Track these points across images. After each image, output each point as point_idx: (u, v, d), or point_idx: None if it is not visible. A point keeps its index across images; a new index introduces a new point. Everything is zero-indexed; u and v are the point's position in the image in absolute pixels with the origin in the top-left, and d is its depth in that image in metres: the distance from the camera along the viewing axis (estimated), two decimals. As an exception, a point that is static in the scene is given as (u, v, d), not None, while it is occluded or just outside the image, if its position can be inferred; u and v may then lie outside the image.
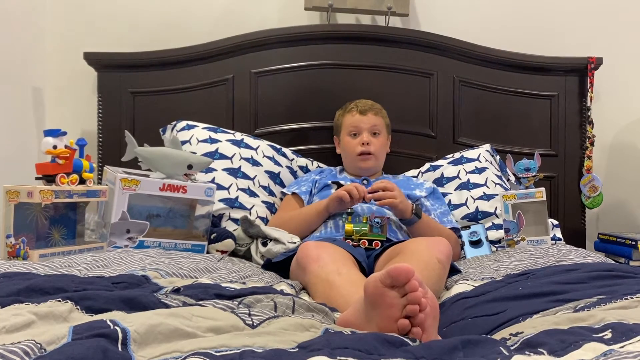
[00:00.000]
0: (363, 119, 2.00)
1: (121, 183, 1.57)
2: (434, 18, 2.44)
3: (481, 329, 0.97)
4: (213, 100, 2.25)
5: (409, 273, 0.85)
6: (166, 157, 1.69)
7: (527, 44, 2.37)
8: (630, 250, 2.09)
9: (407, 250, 1.41)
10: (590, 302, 0.96)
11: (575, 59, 2.32)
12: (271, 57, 2.26)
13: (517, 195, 1.86)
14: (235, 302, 0.95)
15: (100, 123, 2.23)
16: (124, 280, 1.10)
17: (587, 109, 2.32)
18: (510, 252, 1.70)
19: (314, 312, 0.98)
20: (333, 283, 1.25)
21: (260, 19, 2.38)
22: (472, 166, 2.11)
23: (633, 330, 0.75)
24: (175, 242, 1.65)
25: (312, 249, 1.39)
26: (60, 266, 1.22)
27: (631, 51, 2.47)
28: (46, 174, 1.47)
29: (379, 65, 2.28)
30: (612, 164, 2.49)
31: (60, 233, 1.50)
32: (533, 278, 1.23)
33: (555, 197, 2.31)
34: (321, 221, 1.81)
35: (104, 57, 2.23)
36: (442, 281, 1.38)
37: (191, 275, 1.29)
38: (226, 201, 1.91)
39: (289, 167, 2.11)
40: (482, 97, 2.31)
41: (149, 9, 2.38)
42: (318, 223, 1.81)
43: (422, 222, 1.75)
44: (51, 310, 0.81)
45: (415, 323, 0.85)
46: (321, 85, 2.26)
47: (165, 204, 1.68)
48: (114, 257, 1.35)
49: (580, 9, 2.47)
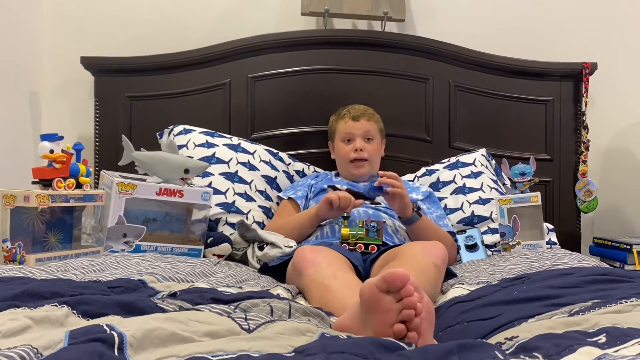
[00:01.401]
0: (356, 125, 2.00)
1: (118, 187, 1.58)
2: (430, 23, 2.45)
3: (477, 333, 0.98)
4: (210, 104, 2.25)
5: (404, 278, 0.85)
6: (163, 161, 1.69)
7: (522, 49, 2.38)
8: (625, 254, 2.11)
9: (403, 255, 1.42)
10: (585, 307, 0.97)
11: (571, 64, 2.33)
12: (268, 61, 2.27)
13: (513, 200, 1.87)
14: (231, 307, 0.95)
15: (97, 127, 2.23)
16: (120, 284, 1.10)
17: (582, 114, 2.33)
18: (506, 256, 1.71)
19: (310, 317, 0.99)
20: (329, 287, 1.26)
21: (257, 24, 2.38)
22: (468, 170, 2.12)
23: (627, 335, 0.75)
24: (171, 246, 1.66)
25: (308, 253, 1.39)
26: (56, 270, 1.22)
27: (626, 56, 2.49)
28: (43, 178, 1.47)
29: (376, 70, 2.29)
30: (607, 169, 2.50)
31: (57, 237, 1.50)
32: (528, 282, 1.24)
33: (550, 201, 2.32)
34: (313, 226, 1.81)
35: (101, 61, 2.23)
36: (438, 285, 1.39)
37: (188, 280, 1.29)
38: (223, 205, 1.91)
39: (286, 172, 2.12)
40: (477, 101, 2.32)
41: (146, 14, 2.39)
42: (310, 228, 1.81)
43: (423, 222, 1.75)
44: (47, 315, 0.81)
45: (411, 328, 0.85)
46: (318, 90, 2.27)
47: (161, 208, 1.68)
48: (110, 262, 1.35)
49: (575, 15, 2.48)
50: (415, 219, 1.74)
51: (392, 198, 1.71)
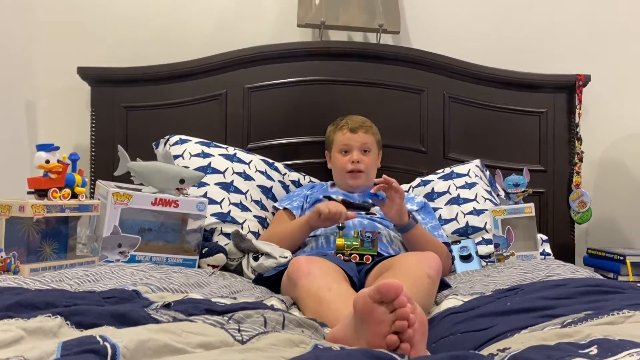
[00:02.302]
0: (354, 136, 2.01)
1: (113, 197, 1.58)
2: (425, 35, 2.47)
3: (470, 345, 0.98)
4: (206, 115, 2.26)
5: (397, 289, 0.86)
6: (158, 171, 1.70)
7: (516, 61, 2.40)
8: (618, 265, 2.11)
9: (398, 265, 1.42)
10: (578, 318, 0.97)
11: (564, 76, 2.35)
12: (264, 72, 2.28)
13: (507, 211, 1.88)
14: (225, 318, 0.95)
15: (93, 137, 2.24)
16: (114, 295, 1.10)
17: (575, 125, 2.35)
18: (500, 267, 1.71)
19: (304, 328, 0.99)
20: (323, 298, 1.26)
21: (254, 35, 2.40)
22: (462, 181, 2.13)
23: (619, 347, 0.76)
24: (166, 256, 1.65)
25: (303, 264, 1.40)
26: (51, 281, 1.22)
27: (618, 68, 2.51)
28: (38, 188, 1.47)
29: (371, 81, 2.31)
30: (600, 180, 2.51)
31: (52, 247, 1.50)
32: (522, 293, 1.24)
33: (544, 212, 2.33)
34: (305, 235, 1.81)
35: (97, 71, 2.24)
36: (431, 296, 1.39)
37: (182, 290, 1.29)
38: (218, 215, 1.92)
39: (281, 182, 2.12)
40: (472, 113, 2.34)
41: (143, 25, 2.40)
42: (302, 237, 1.81)
43: (418, 230, 1.76)
44: (40, 326, 0.81)
45: (404, 339, 0.85)
46: (313, 101, 2.28)
47: (157, 218, 1.68)
48: (105, 272, 1.35)
49: (569, 28, 2.51)
50: (412, 225, 1.75)
51: (390, 203, 1.71)
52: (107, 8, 2.40)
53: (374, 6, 2.31)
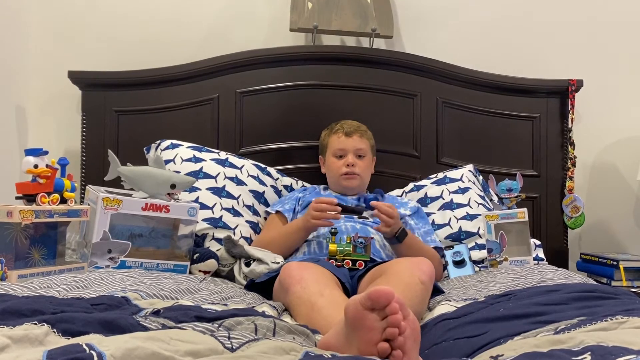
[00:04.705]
0: (349, 141, 2.00)
1: (103, 202, 1.56)
2: (418, 40, 2.47)
3: (462, 351, 0.97)
4: (198, 119, 2.25)
5: (389, 296, 0.85)
6: (149, 176, 1.68)
7: (509, 66, 2.41)
8: (612, 270, 2.11)
9: (390, 271, 1.41)
10: (571, 324, 0.97)
11: (557, 82, 2.36)
12: (256, 77, 2.27)
13: (500, 216, 1.88)
14: (215, 325, 0.93)
15: (83, 142, 2.22)
16: (103, 301, 1.08)
17: (568, 130, 2.35)
18: (493, 273, 1.71)
19: (295, 335, 0.98)
20: (315, 304, 1.25)
21: (246, 40, 2.39)
22: (456, 186, 2.12)
23: (612, 353, 0.75)
24: (157, 262, 1.64)
25: (295, 270, 1.38)
26: (39, 287, 1.20)
27: (611, 73, 2.52)
28: (27, 193, 1.45)
29: (364, 86, 2.30)
30: (593, 185, 2.52)
31: (41, 253, 1.48)
32: (515, 299, 1.24)
33: (537, 217, 2.33)
34: (300, 238, 1.80)
35: (88, 75, 2.23)
36: (424, 302, 1.38)
37: (172, 297, 1.27)
38: (210, 221, 1.90)
39: (274, 187, 2.11)
40: (465, 118, 2.34)
41: (134, 29, 2.39)
42: (297, 240, 1.80)
43: (404, 245, 1.75)
44: (26, 334, 0.79)
45: (395, 346, 0.84)
46: (306, 106, 2.27)
47: (147, 223, 1.66)
48: (94, 278, 1.33)
49: (562, 33, 2.52)
50: (394, 243, 1.74)
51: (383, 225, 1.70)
52: (98, 12, 2.39)
53: (367, 11, 2.31)
